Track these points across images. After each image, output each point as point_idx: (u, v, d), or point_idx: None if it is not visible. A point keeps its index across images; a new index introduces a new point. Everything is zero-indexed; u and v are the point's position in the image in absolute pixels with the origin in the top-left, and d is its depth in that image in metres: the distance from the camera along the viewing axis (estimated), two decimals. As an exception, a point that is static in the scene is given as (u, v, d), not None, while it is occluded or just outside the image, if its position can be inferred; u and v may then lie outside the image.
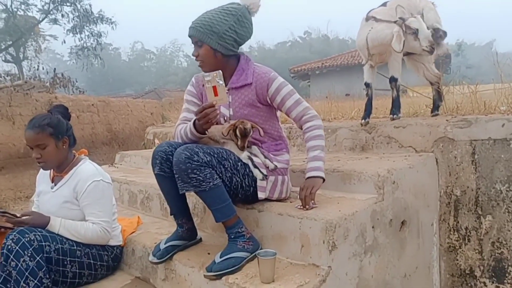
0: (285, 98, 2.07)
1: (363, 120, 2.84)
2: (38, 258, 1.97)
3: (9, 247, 1.94)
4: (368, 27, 2.78)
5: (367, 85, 2.89)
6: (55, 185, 2.31)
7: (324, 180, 2.04)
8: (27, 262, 1.93)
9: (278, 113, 2.21)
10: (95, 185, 2.22)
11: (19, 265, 1.92)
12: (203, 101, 2.19)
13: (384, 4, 2.86)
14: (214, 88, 1.86)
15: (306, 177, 2.05)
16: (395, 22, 2.60)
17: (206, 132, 2.01)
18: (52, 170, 2.36)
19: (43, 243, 2.02)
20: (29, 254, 1.95)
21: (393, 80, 2.78)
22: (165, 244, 2.13)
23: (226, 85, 2.07)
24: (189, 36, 2.07)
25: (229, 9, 2.04)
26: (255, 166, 2.03)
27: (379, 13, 2.77)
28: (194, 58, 2.10)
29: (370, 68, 2.87)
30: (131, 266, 2.45)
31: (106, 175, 2.36)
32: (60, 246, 2.10)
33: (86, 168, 2.29)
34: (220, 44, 2.02)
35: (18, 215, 2.16)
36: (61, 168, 2.30)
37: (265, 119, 2.12)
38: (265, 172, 2.04)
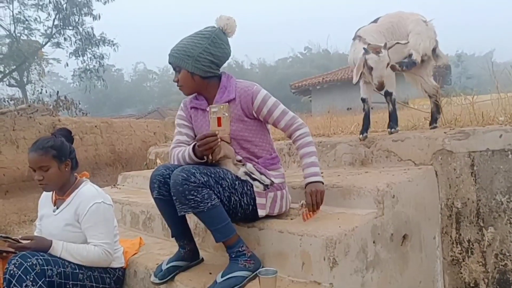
0: (271, 109, 2.09)
1: (361, 135, 2.85)
2: (40, 282, 1.97)
3: (11, 272, 1.94)
4: (353, 47, 2.79)
5: (363, 100, 2.90)
6: (57, 208, 2.32)
7: (323, 184, 2.06)
8: (29, 287, 1.93)
9: (269, 127, 2.22)
10: (96, 207, 2.23)
11: None
12: (193, 124, 2.24)
13: (375, 21, 2.88)
14: (219, 119, 1.92)
15: (309, 181, 2.04)
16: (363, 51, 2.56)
17: (205, 157, 2.02)
18: (54, 193, 2.37)
19: (45, 267, 2.03)
20: (31, 279, 1.95)
21: (388, 94, 2.78)
22: (167, 264, 2.13)
23: (212, 103, 2.11)
24: (169, 63, 2.15)
25: (203, 32, 2.10)
26: (255, 179, 2.04)
27: (366, 32, 2.77)
28: (176, 83, 2.17)
29: (365, 84, 2.88)
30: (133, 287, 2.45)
31: (107, 196, 2.37)
32: (62, 269, 2.10)
33: (87, 190, 2.31)
34: (196, 67, 2.07)
35: (20, 240, 2.16)
36: (63, 190, 2.32)
37: (255, 132, 2.13)
38: (266, 182, 2.05)
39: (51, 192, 2.39)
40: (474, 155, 2.42)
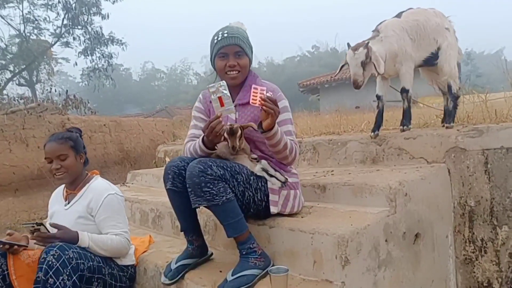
0: (281, 123, 2.04)
1: (372, 133, 2.82)
2: (74, 277, 1.97)
3: (50, 263, 1.92)
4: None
5: (378, 97, 2.87)
6: (68, 202, 2.35)
7: (272, 129, 1.90)
8: (65, 282, 1.92)
9: (291, 127, 2.14)
10: (110, 198, 2.27)
11: (57, 283, 1.90)
12: (211, 117, 2.20)
13: (398, 15, 2.81)
14: (220, 98, 1.88)
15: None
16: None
17: (216, 147, 2.01)
18: (64, 189, 2.39)
19: (79, 261, 2.02)
20: (67, 273, 1.94)
21: (404, 91, 2.76)
22: (176, 263, 2.11)
23: (233, 101, 2.08)
24: (231, 44, 2.05)
25: (243, 27, 2.11)
26: (272, 176, 2.03)
27: (387, 27, 2.72)
28: (229, 67, 2.07)
29: (382, 80, 2.85)
30: (143, 286, 2.44)
31: (119, 190, 2.40)
32: (91, 263, 2.10)
33: (99, 184, 2.36)
34: (251, 59, 2.12)
35: (47, 228, 2.16)
36: (74, 184, 2.35)
37: None
38: (283, 179, 2.04)
39: (62, 189, 2.41)
40: (488, 152, 2.38)
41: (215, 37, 2.09)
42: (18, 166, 8.59)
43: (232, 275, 1.85)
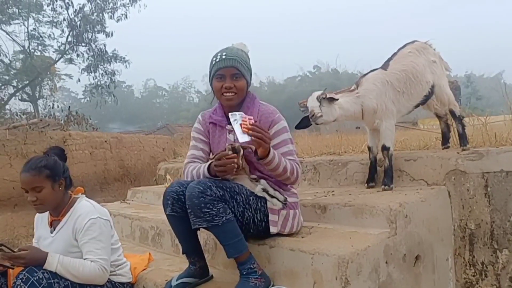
0: (280, 144, 2.08)
1: (366, 185, 2.79)
2: None
3: (19, 287, 1.93)
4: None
5: (369, 148, 2.80)
6: (54, 229, 2.26)
7: (268, 154, 1.93)
8: None
9: (291, 146, 2.15)
10: (92, 223, 2.16)
11: None
12: (210, 140, 2.23)
13: (385, 66, 2.72)
14: (241, 125, 1.91)
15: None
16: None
17: (220, 177, 2.00)
18: (49, 215, 2.31)
19: (52, 280, 2.00)
20: None
21: (385, 149, 2.63)
22: (176, 281, 2.11)
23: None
24: (228, 66, 2.06)
25: (242, 50, 2.13)
26: (272, 197, 2.03)
27: (368, 81, 2.64)
28: (225, 89, 2.08)
29: (372, 131, 2.78)
30: (142, 304, 2.42)
31: (104, 210, 2.31)
32: (69, 282, 2.08)
33: (83, 207, 2.25)
34: (249, 81, 2.13)
35: (15, 250, 2.10)
36: (57, 211, 2.26)
37: None
38: (280, 198, 2.04)
39: (46, 213, 2.32)
40: (488, 176, 2.39)
41: (214, 58, 2.11)
42: (18, 182, 8.54)
43: (232, 295, 1.85)
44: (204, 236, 2.44)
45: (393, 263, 2.03)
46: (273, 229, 2.07)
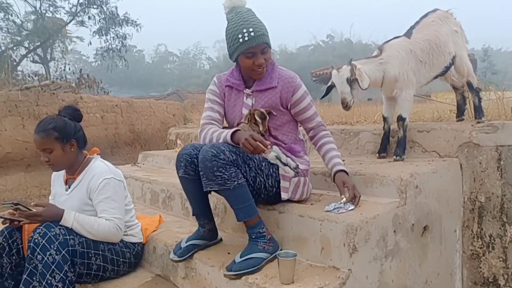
0: (307, 108, 2.16)
1: (378, 154, 2.77)
2: (63, 252, 2.02)
3: (36, 241, 1.99)
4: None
5: (385, 119, 2.74)
6: (69, 187, 2.33)
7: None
8: (53, 256, 1.98)
9: (314, 108, 2.23)
10: (106, 183, 2.23)
11: (45, 258, 1.96)
12: (226, 103, 2.22)
13: (408, 33, 2.64)
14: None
15: (339, 169, 2.10)
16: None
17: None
18: (65, 173, 2.37)
19: (68, 237, 2.07)
20: (55, 248, 1.99)
21: (401, 119, 2.60)
22: (186, 242, 2.15)
23: (251, 87, 2.13)
24: (260, 44, 2.00)
25: (254, 13, 2.08)
26: (285, 164, 2.04)
27: (392, 47, 2.55)
28: (258, 66, 2.04)
29: (388, 100, 2.72)
30: (152, 263, 2.49)
31: (118, 172, 2.37)
32: (84, 239, 2.15)
33: (97, 167, 2.30)
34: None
35: (32, 206, 2.16)
36: (72, 170, 2.32)
37: (285, 121, 2.17)
38: (292, 165, 2.05)
39: (63, 171, 2.38)
40: (502, 149, 2.37)
41: (240, 36, 1.97)
42: (30, 142, 8.66)
43: (240, 257, 1.88)
44: (214, 200, 2.47)
45: (401, 233, 2.05)
46: (284, 195, 2.08)
